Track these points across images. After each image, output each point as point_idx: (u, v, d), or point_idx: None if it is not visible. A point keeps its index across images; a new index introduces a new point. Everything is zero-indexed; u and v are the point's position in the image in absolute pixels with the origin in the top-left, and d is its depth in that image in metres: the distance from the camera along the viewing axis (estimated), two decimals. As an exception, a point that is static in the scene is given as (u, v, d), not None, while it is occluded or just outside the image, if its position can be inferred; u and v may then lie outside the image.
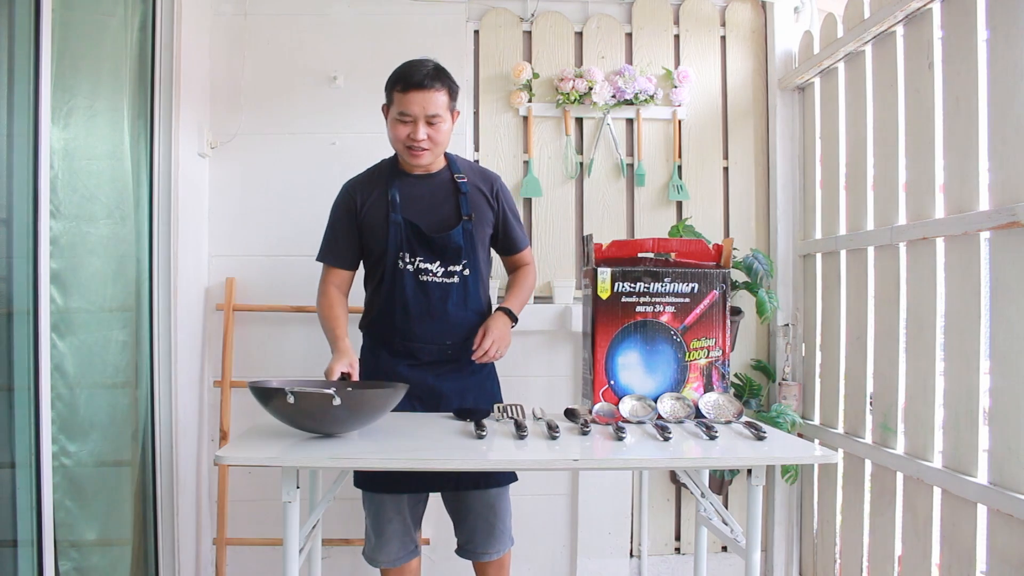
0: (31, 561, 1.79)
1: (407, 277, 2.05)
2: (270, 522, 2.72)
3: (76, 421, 1.98)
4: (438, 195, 2.10)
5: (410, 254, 2.05)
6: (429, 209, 2.08)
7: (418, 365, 2.10)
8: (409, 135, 1.99)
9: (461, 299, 2.09)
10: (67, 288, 1.94)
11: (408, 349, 2.10)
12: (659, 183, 2.95)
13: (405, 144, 2.01)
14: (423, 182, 2.11)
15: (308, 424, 1.71)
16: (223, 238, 2.81)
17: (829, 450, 1.91)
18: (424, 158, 2.04)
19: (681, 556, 2.94)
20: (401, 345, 2.10)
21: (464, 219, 2.08)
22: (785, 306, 2.89)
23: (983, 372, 1.94)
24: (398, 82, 1.99)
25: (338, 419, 1.68)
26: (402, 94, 1.97)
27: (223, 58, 2.81)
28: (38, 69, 1.80)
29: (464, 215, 2.09)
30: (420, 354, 2.10)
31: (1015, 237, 1.81)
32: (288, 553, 1.63)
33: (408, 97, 1.96)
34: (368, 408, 1.72)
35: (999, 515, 1.83)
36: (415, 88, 1.96)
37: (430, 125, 1.99)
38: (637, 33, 2.96)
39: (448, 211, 2.09)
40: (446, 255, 2.06)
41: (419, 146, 2.00)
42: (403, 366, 2.10)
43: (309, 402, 1.64)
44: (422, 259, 2.05)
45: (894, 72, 2.31)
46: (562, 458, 1.62)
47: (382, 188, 2.09)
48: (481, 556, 2.18)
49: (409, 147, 2.01)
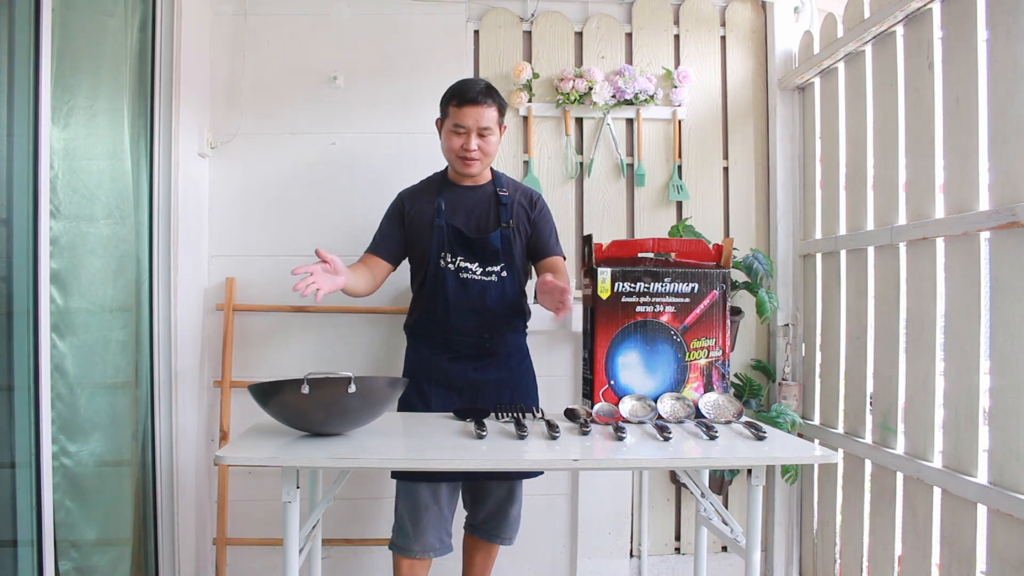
0: (31, 561, 1.79)
1: (448, 274, 2.19)
2: (270, 522, 2.72)
3: (76, 421, 1.98)
4: (481, 204, 2.25)
5: (451, 254, 2.19)
6: (471, 215, 2.23)
7: (459, 358, 2.22)
8: (463, 145, 2.15)
9: (499, 296, 2.21)
10: (67, 288, 1.94)
11: (449, 342, 2.22)
12: (659, 183, 2.95)
13: (458, 154, 2.17)
14: (469, 192, 2.26)
15: (317, 417, 1.70)
16: (223, 238, 2.81)
17: (829, 450, 1.91)
18: (475, 167, 2.19)
19: (681, 556, 2.94)
20: (442, 339, 2.22)
21: (503, 226, 2.22)
22: (785, 306, 2.89)
23: (983, 372, 1.94)
24: (454, 97, 2.16)
25: (349, 409, 1.68)
26: (457, 108, 2.14)
27: (223, 58, 2.81)
28: (38, 69, 1.80)
29: (503, 222, 2.22)
30: (461, 347, 2.22)
31: (1015, 237, 1.81)
32: (288, 553, 1.63)
33: (463, 111, 2.13)
34: (378, 397, 1.73)
35: (999, 515, 1.83)
36: (470, 103, 2.13)
37: (481, 137, 2.16)
38: (637, 33, 2.96)
39: (488, 218, 2.24)
40: (485, 256, 2.20)
41: (471, 156, 2.16)
42: (444, 359, 2.22)
43: (324, 391, 1.64)
44: (463, 259, 2.19)
45: (894, 72, 2.31)
46: (562, 458, 1.62)
47: (431, 196, 2.25)
48: (494, 538, 2.32)
49: (462, 157, 2.17)
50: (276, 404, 1.70)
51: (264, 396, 1.70)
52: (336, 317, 2.78)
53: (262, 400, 1.70)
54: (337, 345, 2.79)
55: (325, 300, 2.68)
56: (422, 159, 2.69)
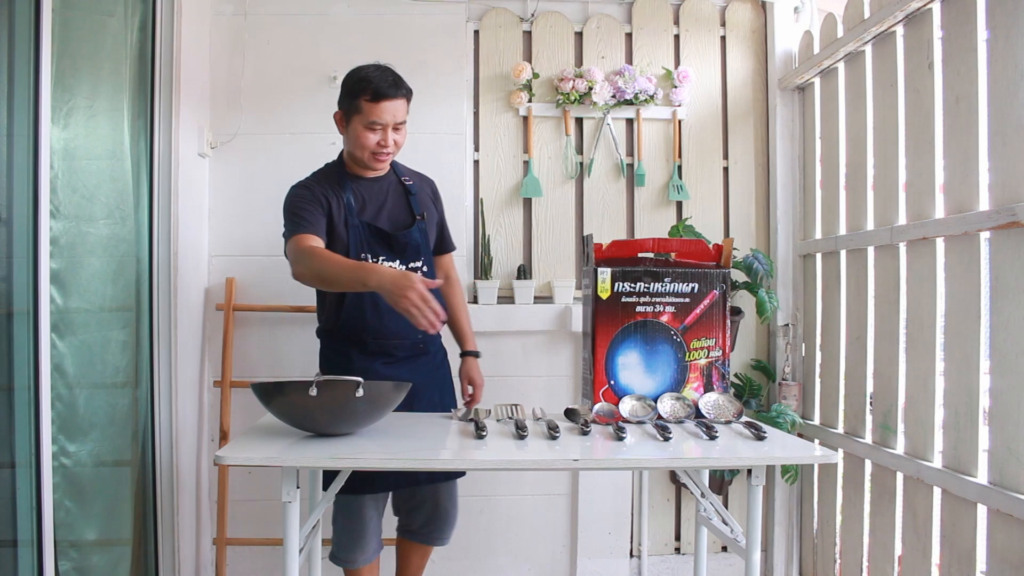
0: (31, 561, 1.78)
1: None
2: (270, 522, 2.72)
3: (76, 421, 1.98)
4: (391, 196, 2.16)
5: (371, 255, 2.07)
6: (384, 210, 2.14)
7: (394, 362, 2.12)
8: (379, 142, 2.05)
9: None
10: (67, 288, 1.94)
11: (383, 347, 2.10)
12: (659, 183, 2.95)
13: (373, 151, 2.06)
14: (374, 184, 2.15)
15: (322, 418, 1.69)
16: (223, 238, 2.81)
17: (829, 450, 1.91)
18: (387, 162, 2.13)
19: (681, 556, 2.94)
20: (375, 344, 2.10)
21: (418, 218, 2.16)
22: (785, 306, 2.89)
23: (983, 372, 1.94)
24: (365, 91, 2.01)
25: (355, 411, 1.68)
26: (373, 103, 2.00)
27: (223, 58, 2.81)
28: (38, 69, 1.80)
29: (416, 215, 2.16)
30: (396, 351, 2.12)
31: (1015, 237, 1.81)
32: (288, 553, 1.63)
33: (380, 107, 2.01)
34: (384, 400, 1.73)
35: (999, 515, 1.83)
36: (386, 98, 2.01)
37: (395, 131, 2.06)
38: (637, 33, 2.96)
39: (401, 211, 2.16)
40: (406, 253, 2.11)
41: (386, 152, 2.07)
42: (379, 364, 2.09)
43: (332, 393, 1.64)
44: (384, 258, 2.08)
45: (894, 72, 2.31)
46: (562, 458, 1.62)
47: (336, 191, 2.09)
48: (434, 541, 2.25)
49: (376, 153, 2.06)
50: (281, 404, 1.70)
51: (268, 396, 1.69)
52: (336, 317, 2.78)
53: (265, 399, 1.70)
54: (337, 345, 2.79)
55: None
56: (422, 159, 2.69)
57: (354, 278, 1.85)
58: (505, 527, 2.84)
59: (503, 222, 2.92)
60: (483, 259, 2.84)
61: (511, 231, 2.92)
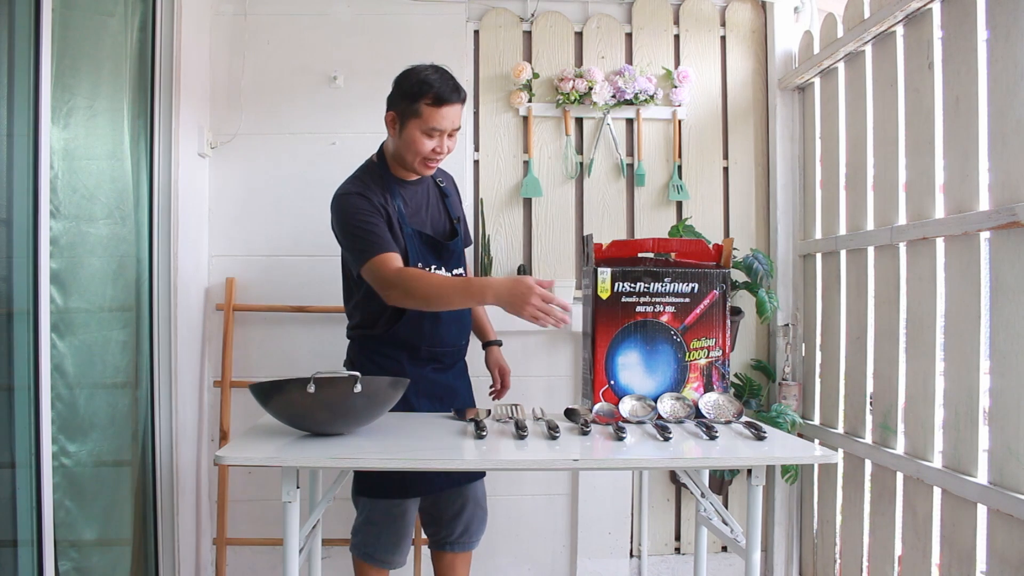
0: (31, 561, 1.78)
1: None
2: (270, 522, 2.72)
3: (76, 421, 1.98)
4: (431, 201, 2.13)
5: (423, 262, 2.03)
6: (428, 216, 2.10)
7: (443, 368, 2.14)
8: (434, 149, 1.96)
9: None
10: (67, 288, 1.94)
11: (434, 354, 2.10)
12: (659, 183, 2.95)
13: (426, 156, 1.96)
14: (418, 188, 2.10)
15: (320, 416, 1.69)
16: (223, 238, 2.81)
17: (829, 450, 1.91)
18: (435, 169, 2.05)
19: (681, 556, 2.94)
20: (428, 351, 2.08)
21: (456, 223, 2.15)
22: (785, 306, 2.89)
23: (983, 372, 1.94)
24: (426, 95, 1.90)
25: (354, 408, 1.68)
26: (435, 108, 1.91)
27: (223, 58, 2.81)
28: (38, 69, 1.80)
29: (454, 218, 2.15)
30: (444, 357, 2.13)
31: (1015, 237, 1.81)
32: (288, 553, 1.62)
33: (441, 112, 1.91)
34: (382, 397, 1.72)
35: (999, 515, 1.83)
36: (448, 103, 1.91)
37: (450, 137, 1.98)
38: (637, 33, 2.96)
39: (440, 216, 2.13)
40: (451, 260, 2.10)
41: (439, 158, 1.99)
42: (429, 370, 2.10)
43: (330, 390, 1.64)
44: (435, 266, 2.06)
45: (894, 72, 2.31)
46: (562, 458, 1.62)
47: (388, 198, 2.01)
48: (474, 543, 2.21)
49: (428, 159, 1.98)
50: (279, 403, 1.70)
51: (266, 395, 1.69)
52: (336, 317, 2.78)
53: (264, 399, 1.70)
54: (337, 345, 2.78)
55: (325, 300, 2.72)
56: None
57: (467, 297, 1.84)
58: (505, 527, 2.84)
59: (503, 222, 2.92)
60: (483, 259, 2.84)
61: (511, 231, 2.92)
